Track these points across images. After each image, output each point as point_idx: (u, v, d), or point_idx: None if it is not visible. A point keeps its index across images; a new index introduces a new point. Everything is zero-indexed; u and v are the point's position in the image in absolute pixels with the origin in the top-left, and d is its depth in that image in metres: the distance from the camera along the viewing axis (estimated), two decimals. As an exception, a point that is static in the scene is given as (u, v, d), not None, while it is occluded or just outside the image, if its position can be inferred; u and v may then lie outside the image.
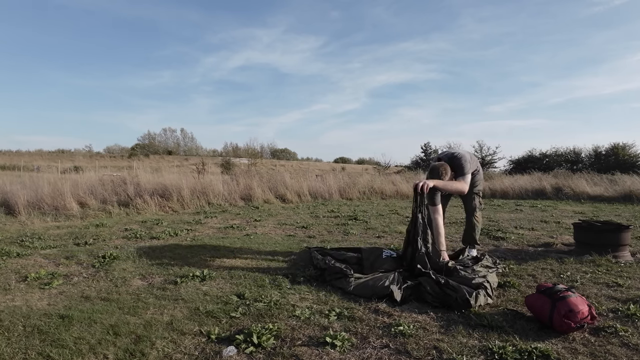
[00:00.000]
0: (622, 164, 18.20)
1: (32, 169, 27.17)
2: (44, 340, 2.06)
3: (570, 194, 11.06)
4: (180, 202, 8.19)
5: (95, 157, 45.14)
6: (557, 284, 2.41)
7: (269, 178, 11.12)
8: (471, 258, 3.51)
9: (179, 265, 3.59)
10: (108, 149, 62.55)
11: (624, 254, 3.96)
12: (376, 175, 15.20)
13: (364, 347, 2.06)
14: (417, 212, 3.25)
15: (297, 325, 2.29)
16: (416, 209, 3.26)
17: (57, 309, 2.51)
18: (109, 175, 11.19)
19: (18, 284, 3.05)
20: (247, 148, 42.23)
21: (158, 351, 1.96)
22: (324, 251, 3.78)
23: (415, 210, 3.27)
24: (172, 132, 74.48)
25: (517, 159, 23.25)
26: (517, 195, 11.71)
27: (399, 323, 2.30)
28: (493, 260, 3.40)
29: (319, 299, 2.77)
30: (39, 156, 45.23)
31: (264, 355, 1.95)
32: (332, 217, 7.06)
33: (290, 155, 68.98)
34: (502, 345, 2.01)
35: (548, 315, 2.23)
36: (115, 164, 35.23)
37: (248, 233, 5.37)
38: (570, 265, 3.68)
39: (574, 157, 21.76)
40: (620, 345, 2.07)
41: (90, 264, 3.63)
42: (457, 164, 3.66)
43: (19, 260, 3.77)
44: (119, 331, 2.17)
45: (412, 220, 3.29)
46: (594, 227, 4.14)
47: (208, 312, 2.46)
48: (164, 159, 48.21)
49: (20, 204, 6.69)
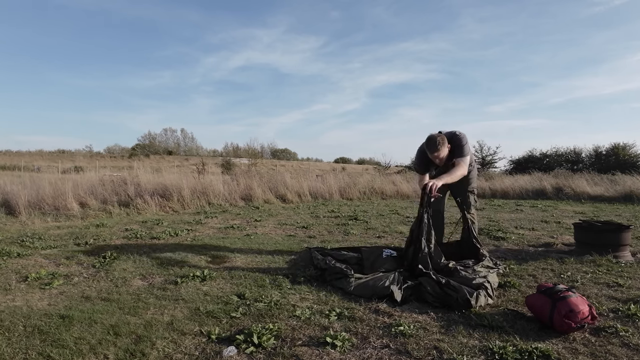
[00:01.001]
0: (622, 164, 18.14)
1: (32, 169, 27.17)
2: (44, 340, 2.06)
3: (570, 194, 11.06)
4: (181, 202, 8.19)
5: (96, 157, 45.16)
6: (557, 284, 2.41)
7: (269, 178, 11.12)
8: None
9: (179, 266, 3.59)
10: (108, 149, 62.63)
11: (625, 254, 3.95)
12: (376, 175, 15.20)
13: (364, 347, 2.06)
14: (423, 212, 3.24)
15: (297, 326, 2.29)
16: (422, 209, 3.25)
17: (57, 309, 2.51)
18: (109, 176, 11.19)
19: (18, 284, 3.05)
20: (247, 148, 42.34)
21: (158, 351, 1.96)
22: (324, 251, 3.78)
23: (422, 210, 3.26)
24: (173, 132, 74.60)
25: (517, 159, 23.17)
26: (518, 195, 11.71)
27: (400, 323, 2.30)
28: (494, 262, 3.40)
29: (320, 299, 2.77)
30: (40, 156, 45.27)
31: (264, 355, 1.95)
32: (332, 217, 7.06)
33: (291, 156, 69.00)
34: (503, 345, 2.01)
35: (548, 316, 2.23)
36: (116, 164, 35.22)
37: (248, 233, 5.37)
38: (570, 265, 3.67)
39: (575, 157, 21.70)
40: (621, 345, 2.06)
41: (90, 264, 3.63)
42: (457, 143, 3.49)
43: (19, 260, 3.77)
44: (120, 331, 2.17)
45: (418, 220, 3.28)
46: (594, 227, 4.14)
47: (208, 312, 2.46)
48: (165, 159, 48.22)
49: (20, 204, 6.70)
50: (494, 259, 3.55)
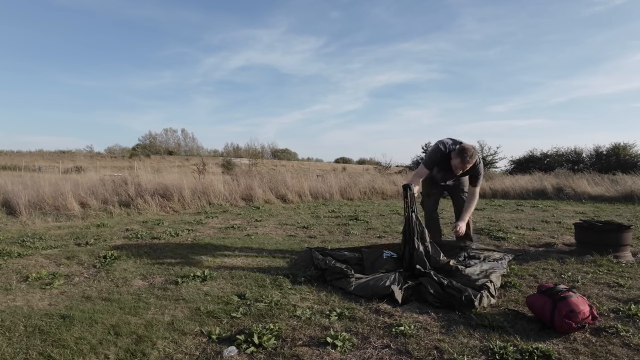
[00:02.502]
0: (623, 164, 18.14)
1: (33, 169, 27.18)
2: (45, 340, 2.06)
3: (571, 194, 11.05)
4: (181, 202, 8.20)
5: (97, 157, 45.16)
6: (558, 284, 2.41)
7: (270, 178, 11.12)
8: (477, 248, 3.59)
9: (180, 266, 3.60)
10: (109, 149, 62.62)
11: (625, 254, 3.95)
12: (377, 175, 15.19)
13: (364, 347, 2.06)
14: (409, 212, 3.25)
15: (298, 326, 2.29)
16: (408, 210, 3.26)
17: (58, 309, 2.51)
18: (110, 176, 11.20)
19: (19, 284, 3.05)
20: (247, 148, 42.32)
21: (159, 351, 1.96)
22: (325, 251, 3.79)
23: (408, 211, 3.27)
24: (173, 132, 74.57)
25: (518, 159, 23.18)
26: (518, 195, 11.70)
27: (400, 323, 2.30)
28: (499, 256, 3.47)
29: (320, 299, 2.76)
30: (40, 156, 45.26)
31: (264, 355, 1.95)
32: (333, 217, 7.05)
33: (291, 156, 68.93)
34: (503, 345, 2.01)
35: (549, 316, 2.23)
36: (116, 164, 35.27)
37: (249, 233, 5.37)
38: (571, 266, 3.67)
39: (575, 157, 21.69)
40: (622, 345, 2.06)
41: (91, 264, 3.63)
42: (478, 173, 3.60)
43: (20, 260, 3.78)
44: (120, 331, 2.17)
45: (406, 221, 3.29)
46: (595, 227, 4.13)
47: (209, 312, 2.46)
48: (165, 159, 48.24)
49: (21, 204, 6.70)
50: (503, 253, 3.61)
